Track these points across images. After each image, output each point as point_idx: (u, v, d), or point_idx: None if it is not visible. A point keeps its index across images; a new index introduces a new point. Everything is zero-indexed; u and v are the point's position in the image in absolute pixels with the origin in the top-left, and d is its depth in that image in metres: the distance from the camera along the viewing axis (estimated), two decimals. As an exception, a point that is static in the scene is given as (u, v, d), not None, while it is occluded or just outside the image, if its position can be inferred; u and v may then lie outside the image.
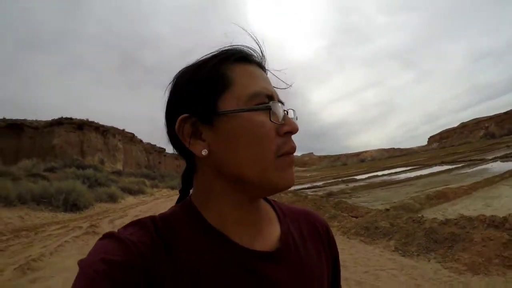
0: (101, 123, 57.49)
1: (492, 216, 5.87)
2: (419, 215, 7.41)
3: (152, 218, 0.69)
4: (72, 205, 14.72)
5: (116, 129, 62.96)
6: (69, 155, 44.65)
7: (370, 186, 18.40)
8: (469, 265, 4.61)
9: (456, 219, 6.30)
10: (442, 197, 10.17)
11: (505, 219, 5.54)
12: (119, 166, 55.50)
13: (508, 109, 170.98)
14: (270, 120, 0.63)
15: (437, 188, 11.94)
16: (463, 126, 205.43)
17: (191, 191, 0.76)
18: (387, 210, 8.67)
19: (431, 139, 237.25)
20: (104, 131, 57.75)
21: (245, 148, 0.64)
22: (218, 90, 0.65)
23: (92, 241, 8.01)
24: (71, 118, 52.12)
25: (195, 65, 0.69)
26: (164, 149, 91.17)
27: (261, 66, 0.72)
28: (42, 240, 8.37)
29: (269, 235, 0.74)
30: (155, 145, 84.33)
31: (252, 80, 0.67)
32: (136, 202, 20.84)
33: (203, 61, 0.68)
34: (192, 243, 0.66)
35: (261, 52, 0.73)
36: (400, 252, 5.71)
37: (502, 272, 4.26)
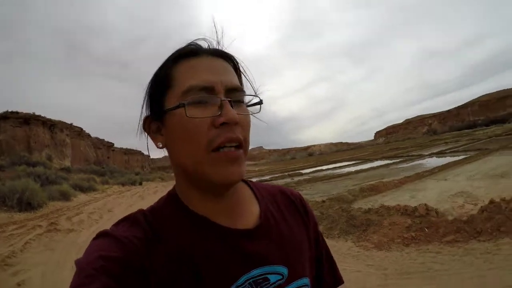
0: (48, 117, 55.36)
1: (406, 205, 7.14)
2: (349, 205, 8.67)
3: (142, 212, 0.73)
4: (26, 204, 14.84)
5: (64, 123, 60.67)
6: (15, 151, 42.79)
7: (313, 180, 19.33)
8: (376, 244, 5.83)
9: (377, 208, 7.54)
10: (374, 189, 11.28)
11: (415, 208, 6.79)
12: (67, 163, 53.58)
13: (452, 107, 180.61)
14: (186, 116, 0.64)
15: (371, 182, 13.00)
16: (408, 122, 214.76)
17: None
18: (323, 201, 9.74)
19: (378, 134, 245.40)
20: (51, 125, 55.67)
21: (180, 142, 0.68)
22: (163, 90, 0.70)
23: (56, 237, 8.81)
24: (17, 112, 49.88)
25: (157, 69, 0.74)
26: (113, 144, 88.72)
27: (218, 54, 0.74)
28: (6, 239, 8.68)
29: (249, 214, 0.78)
30: (103, 139, 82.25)
31: (192, 75, 0.68)
32: (88, 200, 20.78)
33: (161, 64, 0.74)
34: (181, 231, 0.70)
35: (217, 40, 0.76)
36: (325, 234, 6.71)
37: (400, 248, 5.47)
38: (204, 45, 0.75)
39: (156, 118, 0.72)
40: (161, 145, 0.73)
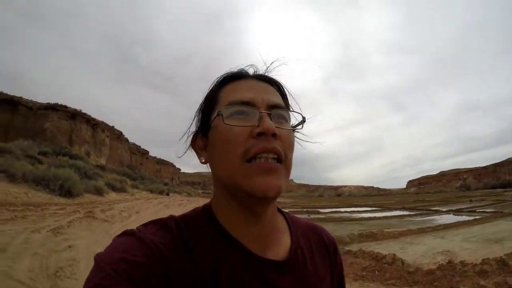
0: (92, 116, 59.03)
1: (379, 253, 8.24)
2: (343, 247, 9.60)
3: (174, 219, 0.73)
4: (66, 192, 16.75)
5: (106, 124, 64.55)
6: (58, 141, 46.09)
7: (327, 220, 20.06)
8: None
9: (355, 251, 8.74)
10: (371, 236, 11.98)
11: (384, 256, 7.88)
12: (103, 161, 56.78)
13: (488, 163, 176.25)
14: (224, 123, 0.68)
15: (373, 230, 13.58)
16: (442, 174, 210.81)
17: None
18: None
19: (410, 183, 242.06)
20: (94, 124, 59.41)
21: (218, 152, 0.70)
22: (210, 108, 0.75)
23: (94, 223, 10.43)
24: (65, 106, 53.69)
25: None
26: (148, 152, 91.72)
27: (261, 78, 0.79)
28: (51, 215, 10.27)
29: (280, 245, 0.78)
30: (139, 146, 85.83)
31: (235, 93, 0.73)
32: (119, 199, 22.41)
33: (210, 86, 0.80)
34: (210, 246, 0.69)
35: (266, 68, 0.81)
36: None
37: (349, 282, 6.54)
38: (251, 71, 0.80)
39: (203, 134, 0.77)
40: (203, 160, 0.77)
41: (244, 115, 0.69)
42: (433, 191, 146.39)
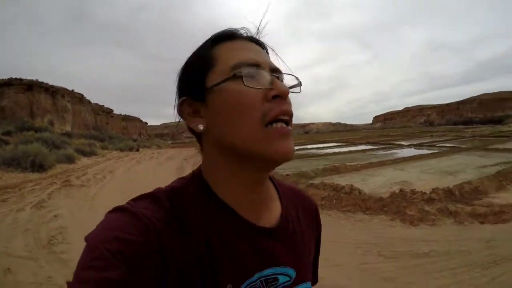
0: (50, 83, 57.36)
1: (338, 184, 9.09)
2: (307, 181, 10.46)
3: (163, 191, 0.70)
4: (39, 166, 17.15)
5: (65, 89, 62.71)
6: (18, 116, 44.76)
7: (294, 157, 21.13)
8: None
9: (317, 184, 9.57)
10: (335, 170, 12.62)
11: (343, 187, 8.74)
12: (68, 128, 55.86)
13: (452, 101, 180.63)
14: (245, 85, 0.63)
15: (336, 164, 14.21)
16: (407, 110, 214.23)
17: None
18: (287, 175, 11.50)
19: (376, 118, 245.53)
20: (53, 91, 57.69)
21: (231, 118, 0.65)
22: (205, 69, 0.69)
23: (71, 190, 11.04)
24: (20, 79, 51.92)
25: (192, 52, 0.74)
26: (112, 110, 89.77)
27: (254, 40, 0.74)
28: (30, 192, 10.81)
29: (272, 212, 0.78)
30: (103, 105, 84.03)
31: (236, 53, 0.68)
32: (90, 163, 22.82)
33: (197, 47, 0.74)
34: (202, 215, 0.67)
35: (258, 28, 0.76)
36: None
37: None
38: (243, 33, 0.75)
39: (195, 100, 0.70)
40: (202, 127, 0.70)
41: (256, 77, 0.66)
42: (397, 126, 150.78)
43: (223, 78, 0.65)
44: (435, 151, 20.55)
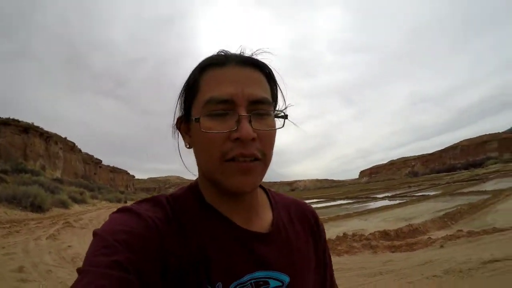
0: (42, 126, 58.68)
1: None
2: None
3: (165, 196, 0.76)
4: (37, 207, 18.48)
5: (59, 136, 64.41)
6: (12, 156, 45.47)
7: None
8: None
9: None
10: None
11: None
12: (58, 174, 56.78)
13: (435, 150, 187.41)
14: (201, 130, 0.67)
15: None
16: (392, 163, 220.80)
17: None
18: None
19: (362, 173, 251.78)
20: (47, 137, 59.21)
21: (199, 150, 0.73)
22: (191, 97, 0.74)
23: (75, 230, 12.54)
24: (18, 120, 53.36)
25: (188, 74, 0.77)
26: (101, 161, 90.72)
27: (246, 62, 0.73)
28: (36, 228, 12.17)
29: (263, 219, 0.82)
30: (92, 155, 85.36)
31: (213, 86, 0.70)
32: (82, 210, 23.90)
33: (192, 71, 0.77)
34: (198, 221, 0.73)
35: (253, 52, 0.77)
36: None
37: None
38: (236, 52, 0.76)
39: (187, 121, 0.77)
40: (188, 146, 0.78)
41: (222, 116, 0.68)
42: (382, 180, 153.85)
43: (196, 117, 0.69)
44: (405, 200, 21.94)
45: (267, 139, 0.71)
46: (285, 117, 0.77)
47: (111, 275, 0.54)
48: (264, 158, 0.71)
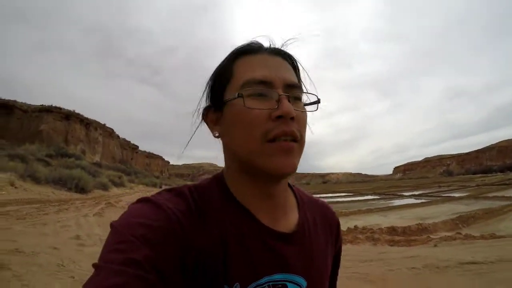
0: (85, 114, 61.76)
1: None
2: None
3: (188, 187, 0.73)
4: (81, 189, 20.15)
5: (98, 123, 67.24)
6: (54, 141, 48.72)
7: None
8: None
9: None
10: None
11: None
12: (98, 158, 59.74)
13: (472, 149, 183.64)
14: (244, 106, 0.66)
15: None
16: (427, 161, 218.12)
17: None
18: None
19: (396, 169, 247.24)
20: (87, 123, 62.12)
21: (236, 132, 0.69)
22: (224, 83, 0.73)
23: (117, 210, 13.82)
24: (60, 108, 56.34)
25: (220, 62, 0.78)
26: (137, 146, 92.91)
27: (278, 52, 0.76)
28: (82, 207, 13.60)
29: (289, 219, 0.79)
30: (129, 141, 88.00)
31: (250, 70, 0.70)
32: (121, 192, 25.53)
33: (224, 57, 0.77)
34: (222, 214, 0.70)
35: (284, 42, 0.78)
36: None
37: None
38: (266, 44, 0.77)
39: (216, 109, 0.75)
40: (217, 134, 0.76)
41: (263, 96, 0.68)
42: (416, 177, 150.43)
43: (234, 96, 0.69)
44: (429, 200, 21.92)
45: (302, 122, 0.71)
46: (318, 101, 0.77)
47: (126, 273, 0.53)
48: (301, 140, 0.70)
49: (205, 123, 0.79)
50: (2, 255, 5.04)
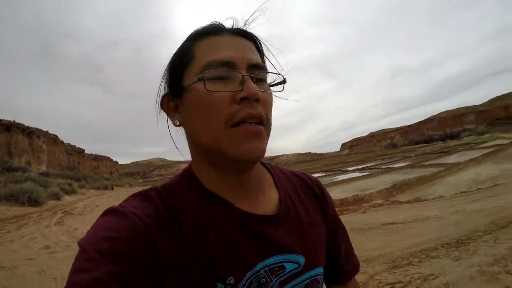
0: (23, 122, 59.10)
1: None
2: None
3: (155, 189, 0.70)
4: (34, 202, 20.24)
5: (41, 130, 64.68)
6: None
7: None
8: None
9: None
10: None
11: None
12: (44, 167, 57.78)
13: (413, 122, 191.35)
14: (206, 89, 0.62)
15: None
16: (372, 135, 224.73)
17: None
18: None
19: (344, 145, 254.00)
20: (29, 132, 59.53)
21: (198, 118, 0.65)
22: (183, 67, 0.68)
23: (74, 217, 14.38)
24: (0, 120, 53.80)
25: (179, 45, 0.72)
26: (84, 150, 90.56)
27: (241, 33, 0.72)
28: (41, 219, 13.82)
29: (269, 200, 0.76)
30: (75, 146, 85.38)
31: (212, 51, 0.66)
32: (74, 200, 25.47)
33: (183, 40, 0.71)
34: (195, 209, 0.67)
35: (245, 21, 0.73)
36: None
37: None
38: (228, 24, 0.72)
39: (175, 96, 0.71)
40: (178, 123, 0.72)
41: (225, 79, 0.64)
42: (362, 152, 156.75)
43: (194, 80, 0.65)
44: (370, 173, 23.61)
45: (268, 103, 0.68)
46: (283, 81, 0.73)
47: None
48: (267, 122, 0.68)
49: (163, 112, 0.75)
50: (-15, 274, 5.68)
